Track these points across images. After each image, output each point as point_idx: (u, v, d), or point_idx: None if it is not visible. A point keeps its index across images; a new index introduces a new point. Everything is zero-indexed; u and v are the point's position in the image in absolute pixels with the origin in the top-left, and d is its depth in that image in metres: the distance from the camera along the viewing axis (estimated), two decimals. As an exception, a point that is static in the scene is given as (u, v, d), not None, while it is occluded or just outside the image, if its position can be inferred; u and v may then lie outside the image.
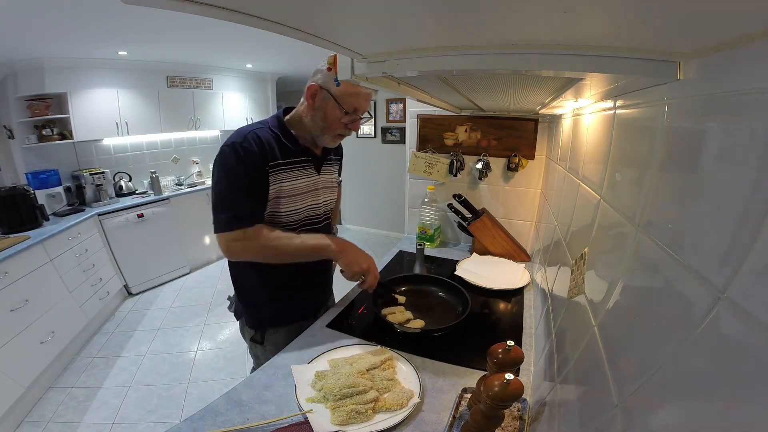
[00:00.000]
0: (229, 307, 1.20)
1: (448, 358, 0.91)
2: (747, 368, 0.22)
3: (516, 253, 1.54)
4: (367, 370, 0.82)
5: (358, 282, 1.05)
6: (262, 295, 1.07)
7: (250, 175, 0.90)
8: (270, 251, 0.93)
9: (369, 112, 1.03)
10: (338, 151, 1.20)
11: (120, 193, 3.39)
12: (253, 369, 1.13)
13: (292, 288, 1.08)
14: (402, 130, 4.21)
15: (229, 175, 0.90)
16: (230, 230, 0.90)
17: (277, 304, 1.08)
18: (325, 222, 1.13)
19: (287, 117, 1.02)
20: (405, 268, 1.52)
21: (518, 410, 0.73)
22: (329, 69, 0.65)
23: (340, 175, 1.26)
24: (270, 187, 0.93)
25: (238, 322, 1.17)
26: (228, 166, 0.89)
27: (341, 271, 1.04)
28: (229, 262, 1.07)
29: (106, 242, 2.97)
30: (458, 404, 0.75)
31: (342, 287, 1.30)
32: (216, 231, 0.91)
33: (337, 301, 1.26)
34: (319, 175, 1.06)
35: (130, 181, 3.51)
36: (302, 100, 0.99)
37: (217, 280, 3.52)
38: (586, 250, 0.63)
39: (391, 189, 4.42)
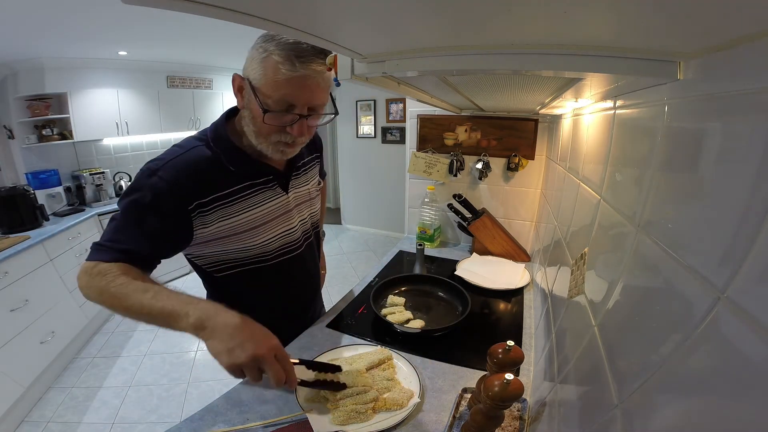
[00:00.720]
0: None
1: (448, 358, 0.91)
2: (747, 368, 0.22)
3: (516, 253, 1.54)
4: (367, 370, 0.82)
5: (243, 380, 0.74)
6: (265, 322, 0.94)
7: (150, 214, 0.70)
8: (107, 299, 0.66)
9: (333, 106, 0.75)
10: (314, 148, 0.97)
11: (120, 193, 3.40)
12: None
13: (281, 316, 0.96)
14: (402, 130, 4.21)
15: (126, 203, 0.71)
16: (88, 259, 0.69)
17: (284, 325, 0.92)
18: (307, 241, 0.96)
19: (234, 119, 0.79)
20: (405, 268, 1.52)
21: (518, 410, 0.73)
22: (329, 69, 0.63)
23: (321, 173, 1.05)
24: (196, 230, 0.74)
25: None
26: (130, 194, 0.71)
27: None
28: (206, 290, 0.92)
29: (106, 242, 2.97)
30: (458, 404, 0.75)
31: (341, 288, 1.30)
32: (86, 258, 0.70)
33: (341, 297, 1.25)
34: (287, 193, 0.85)
35: (130, 181, 3.51)
36: None
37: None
38: (586, 250, 0.63)
39: (391, 189, 4.42)
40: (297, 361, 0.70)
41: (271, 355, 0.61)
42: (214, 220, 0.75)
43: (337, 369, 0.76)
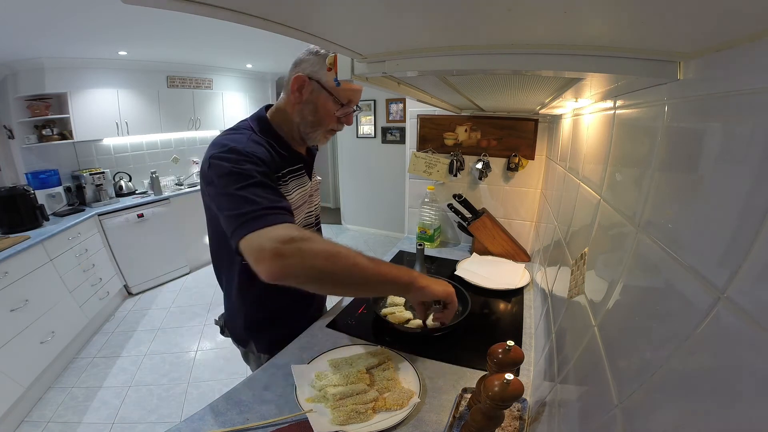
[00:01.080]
0: (222, 332, 1.08)
1: (448, 358, 0.91)
2: (747, 368, 0.22)
3: (516, 253, 1.54)
4: (367, 370, 0.83)
5: (428, 318, 0.90)
6: (268, 319, 0.97)
7: (264, 174, 0.72)
8: (339, 265, 0.63)
9: (358, 105, 0.94)
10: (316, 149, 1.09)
11: (120, 193, 3.40)
12: None
13: (296, 300, 1.00)
14: (402, 130, 4.21)
15: (236, 175, 0.69)
16: (274, 224, 0.62)
17: (286, 323, 1.01)
18: (317, 227, 1.06)
19: (268, 115, 0.88)
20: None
21: (518, 410, 0.73)
22: (329, 69, 0.64)
23: None
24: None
25: (239, 350, 1.07)
26: (228, 168, 0.70)
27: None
28: (227, 294, 0.93)
29: (106, 242, 2.97)
30: (458, 404, 0.75)
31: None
32: (243, 233, 0.62)
33: (328, 309, 1.24)
34: (311, 180, 0.96)
35: (130, 181, 3.51)
36: (283, 94, 0.86)
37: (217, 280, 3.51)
38: (586, 250, 0.63)
39: (391, 189, 4.42)
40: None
41: (453, 292, 0.84)
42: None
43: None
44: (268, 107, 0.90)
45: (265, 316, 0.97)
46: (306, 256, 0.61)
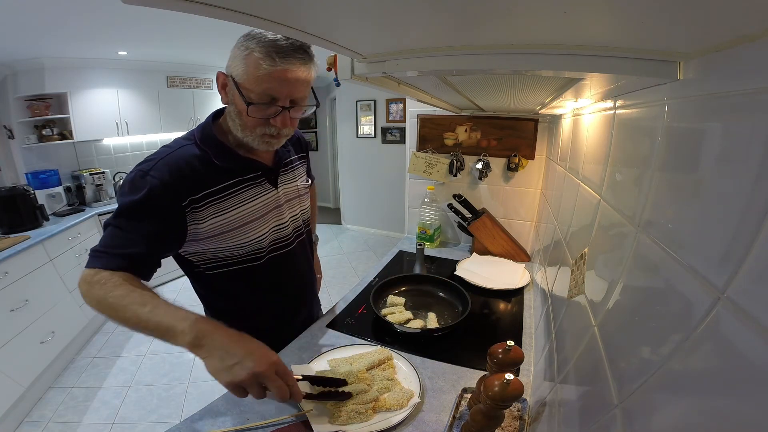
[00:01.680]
0: None
1: (448, 358, 0.91)
2: (747, 368, 0.22)
3: (516, 253, 1.54)
4: (367, 370, 0.82)
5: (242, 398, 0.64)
6: (258, 323, 0.92)
7: (147, 219, 0.70)
8: (105, 309, 0.65)
9: (314, 98, 0.78)
10: (300, 147, 1.02)
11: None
12: None
13: (287, 310, 0.99)
14: (402, 130, 4.21)
15: (121, 207, 0.71)
16: (88, 266, 0.69)
17: (277, 327, 0.98)
18: (298, 239, 0.98)
19: (219, 121, 0.82)
20: (405, 268, 1.52)
21: (518, 410, 0.73)
22: (329, 69, 0.63)
23: (310, 174, 1.07)
24: (189, 226, 0.75)
25: None
26: (123, 196, 0.71)
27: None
28: (203, 302, 0.92)
29: (106, 242, 2.97)
30: (458, 404, 0.75)
31: (341, 288, 1.30)
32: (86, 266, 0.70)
33: (342, 296, 1.25)
34: (277, 189, 0.88)
35: (130, 181, 3.51)
36: None
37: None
38: (586, 250, 0.63)
39: (391, 189, 4.42)
40: (300, 377, 0.71)
41: (272, 371, 0.60)
42: (207, 217, 0.76)
43: (341, 383, 0.75)
44: (221, 113, 0.83)
45: (253, 323, 0.84)
46: (90, 297, 0.67)
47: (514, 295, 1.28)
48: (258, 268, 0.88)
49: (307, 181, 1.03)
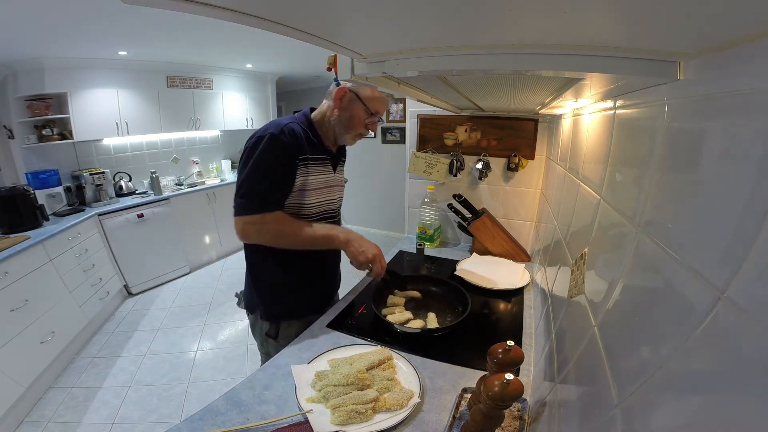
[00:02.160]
0: (238, 303, 1.21)
1: (448, 358, 0.91)
2: (747, 368, 0.22)
3: (516, 253, 1.54)
4: (367, 370, 0.82)
5: (366, 272, 1.12)
6: (279, 286, 1.10)
7: (281, 165, 0.96)
8: (283, 236, 0.99)
9: (381, 117, 1.14)
10: (345, 153, 1.32)
11: (120, 193, 3.39)
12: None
13: (308, 278, 1.13)
14: (402, 130, 4.21)
15: (261, 163, 0.94)
16: (251, 214, 0.95)
17: (294, 294, 1.11)
18: (338, 216, 1.24)
19: (312, 116, 1.11)
20: (405, 268, 1.52)
21: (518, 410, 0.73)
22: (329, 69, 0.65)
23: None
24: (296, 179, 1.00)
25: (248, 320, 1.19)
26: (263, 154, 0.94)
27: (350, 261, 1.09)
28: (246, 252, 1.12)
29: (106, 242, 2.97)
30: (458, 404, 0.75)
31: (348, 281, 1.31)
32: (236, 214, 0.96)
33: (341, 296, 1.27)
34: (334, 173, 1.15)
35: (130, 181, 3.50)
36: (325, 101, 1.08)
37: (217, 280, 3.51)
38: (586, 250, 0.63)
39: (391, 189, 4.42)
40: (385, 268, 1.13)
41: (381, 255, 1.11)
42: (299, 174, 1.01)
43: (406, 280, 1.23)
44: (312, 109, 1.13)
45: (272, 283, 1.11)
46: (262, 233, 0.99)
47: (514, 295, 1.28)
48: None
49: (345, 179, 1.30)
